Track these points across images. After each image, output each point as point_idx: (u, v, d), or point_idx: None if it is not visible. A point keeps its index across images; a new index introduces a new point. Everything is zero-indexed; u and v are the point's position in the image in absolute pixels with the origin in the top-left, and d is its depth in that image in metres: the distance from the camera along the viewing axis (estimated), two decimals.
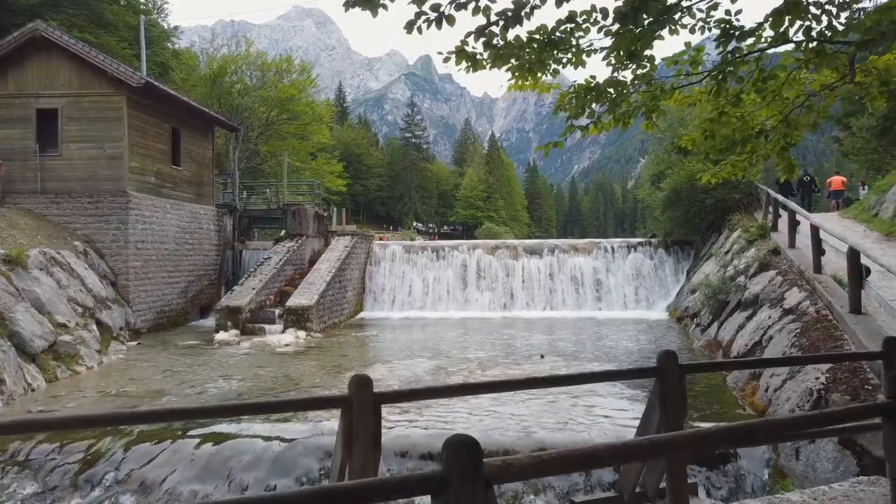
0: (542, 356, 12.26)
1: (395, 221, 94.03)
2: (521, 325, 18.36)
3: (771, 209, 17.61)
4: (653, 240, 23.01)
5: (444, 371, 10.93)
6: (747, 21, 4.75)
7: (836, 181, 24.01)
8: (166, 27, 45.49)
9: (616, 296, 21.66)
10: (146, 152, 16.93)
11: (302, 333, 15.27)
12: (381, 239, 35.40)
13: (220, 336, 14.65)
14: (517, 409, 8.13)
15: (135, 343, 14.45)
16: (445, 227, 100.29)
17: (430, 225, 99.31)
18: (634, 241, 23.14)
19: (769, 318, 10.10)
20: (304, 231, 21.05)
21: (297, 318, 15.88)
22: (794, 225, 13.01)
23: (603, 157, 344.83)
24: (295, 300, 16.27)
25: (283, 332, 15.65)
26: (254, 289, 16.99)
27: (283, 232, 21.20)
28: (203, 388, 9.76)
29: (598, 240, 23.61)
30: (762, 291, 11.45)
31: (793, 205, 13.47)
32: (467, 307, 21.71)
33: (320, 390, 9.54)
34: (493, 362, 11.82)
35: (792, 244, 12.87)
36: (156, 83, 16.64)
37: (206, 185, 20.46)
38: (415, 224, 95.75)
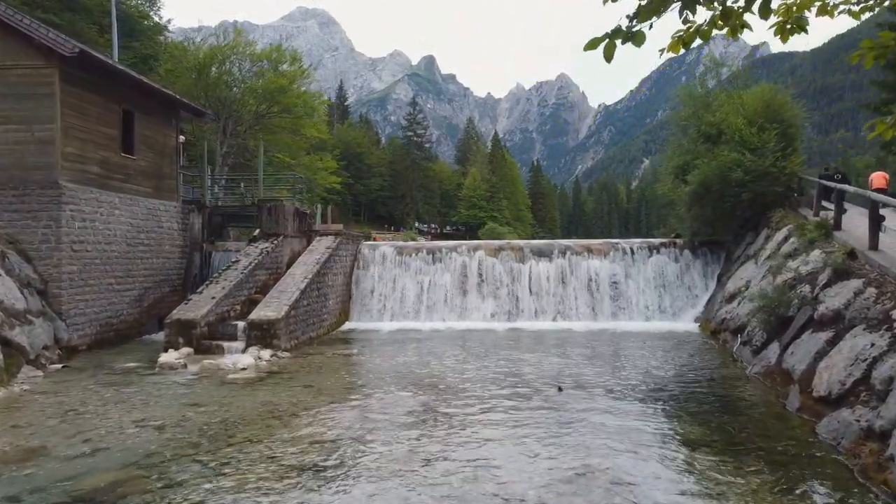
0: (559, 388, 9.60)
1: (398, 222, 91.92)
2: (528, 340, 15.73)
3: (826, 203, 14.99)
4: (677, 240, 20.34)
5: (433, 414, 8.29)
6: None
7: (879, 177, 21.26)
8: (158, 20, 43.14)
9: (637, 304, 18.99)
10: (87, 137, 14.35)
11: (266, 353, 12.64)
12: (373, 239, 32.84)
13: (165, 358, 12.03)
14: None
15: (59, 366, 11.85)
16: (448, 228, 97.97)
17: (433, 226, 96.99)
18: (656, 241, 20.49)
19: (871, 345, 7.43)
20: (282, 230, 18.45)
21: (261, 335, 13.27)
22: (876, 221, 10.35)
23: (607, 157, 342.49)
24: (260, 312, 13.65)
25: (244, 350, 13.05)
26: (213, 298, 14.39)
27: (256, 231, 18.60)
28: (100, 443, 7.14)
29: (614, 240, 20.95)
30: (848, 307, 8.78)
31: (879, 196, 10.80)
32: (467, 316, 19.08)
33: (260, 447, 6.91)
34: (498, 397, 9.18)
35: (874, 245, 10.21)
36: (96, 53, 14.06)
37: (167, 177, 17.87)
38: (417, 225, 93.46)
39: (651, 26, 2.85)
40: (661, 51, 3.38)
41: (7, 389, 9.74)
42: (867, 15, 4.18)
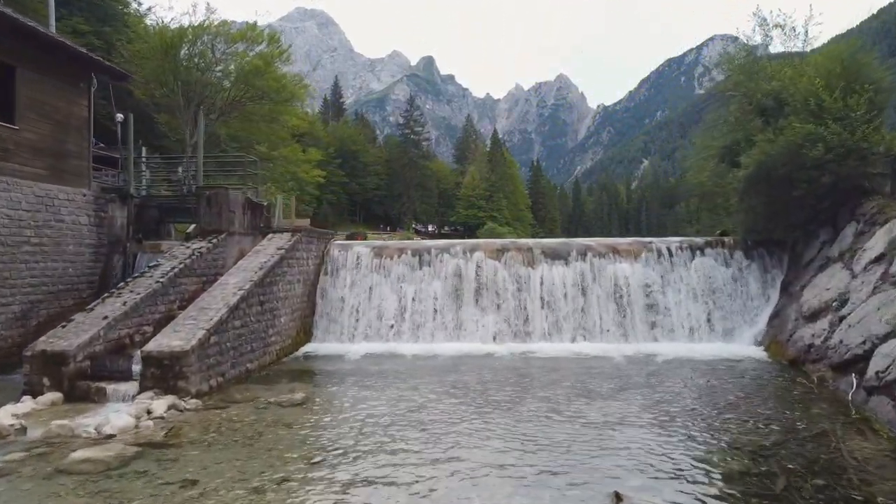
0: (617, 497, 5.52)
1: (395, 222, 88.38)
2: (543, 373, 11.64)
3: None
4: (725, 238, 16.28)
5: None
6: None
7: None
8: (137, 6, 39.15)
9: (678, 320, 14.92)
10: None
11: (161, 404, 8.52)
12: (357, 238, 28.86)
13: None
14: None
15: None
16: (446, 228, 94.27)
17: (430, 226, 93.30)
18: (699, 240, 16.41)
19: None
20: (225, 226, 14.41)
21: (160, 374, 9.16)
22: None
23: (606, 157, 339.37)
24: (161, 341, 9.53)
25: (135, 396, 8.97)
26: (106, 318, 10.30)
27: (191, 227, 14.55)
28: None
29: (647, 239, 16.85)
30: None
31: None
32: (462, 336, 15.00)
33: None
34: None
35: None
36: None
37: (72, 157, 13.78)
38: (415, 225, 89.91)
39: None
40: None
41: None
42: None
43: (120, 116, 20.41)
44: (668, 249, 15.87)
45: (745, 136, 16.03)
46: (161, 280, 11.79)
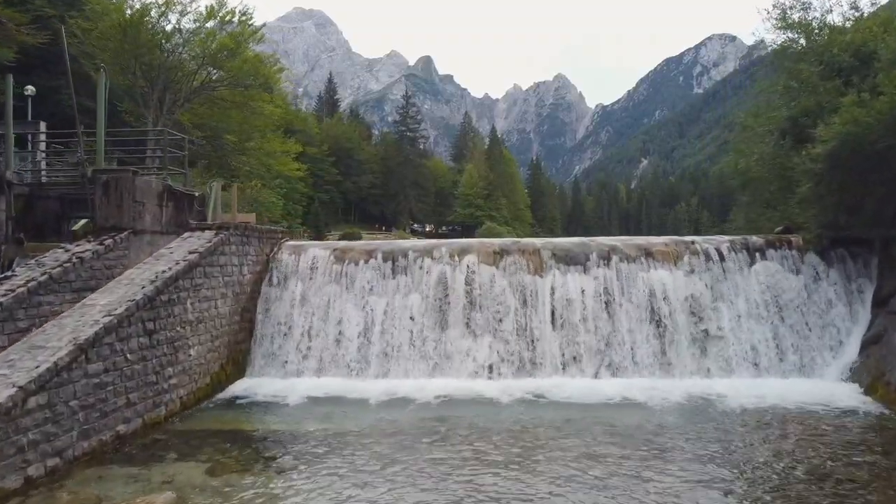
0: None
1: (391, 221, 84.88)
2: (557, 441, 7.89)
3: None
4: (792, 237, 12.49)
5: None
6: None
7: None
8: None
9: (737, 346, 11.13)
10: None
11: None
12: (338, 237, 25.13)
13: None
14: None
15: None
16: (444, 228, 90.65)
17: (428, 226, 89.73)
18: (757, 238, 12.58)
19: None
20: (128, 222, 10.62)
21: None
22: None
23: (605, 157, 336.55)
24: None
25: None
26: None
27: (80, 223, 10.76)
28: None
29: (689, 238, 13.01)
30: None
31: None
32: (447, 368, 11.21)
33: None
34: None
35: None
36: None
37: None
38: (413, 225, 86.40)
39: None
40: None
41: None
42: None
43: (30, 88, 16.67)
44: (718, 251, 12.07)
45: (818, 104, 12.32)
46: (1, 300, 8.00)
